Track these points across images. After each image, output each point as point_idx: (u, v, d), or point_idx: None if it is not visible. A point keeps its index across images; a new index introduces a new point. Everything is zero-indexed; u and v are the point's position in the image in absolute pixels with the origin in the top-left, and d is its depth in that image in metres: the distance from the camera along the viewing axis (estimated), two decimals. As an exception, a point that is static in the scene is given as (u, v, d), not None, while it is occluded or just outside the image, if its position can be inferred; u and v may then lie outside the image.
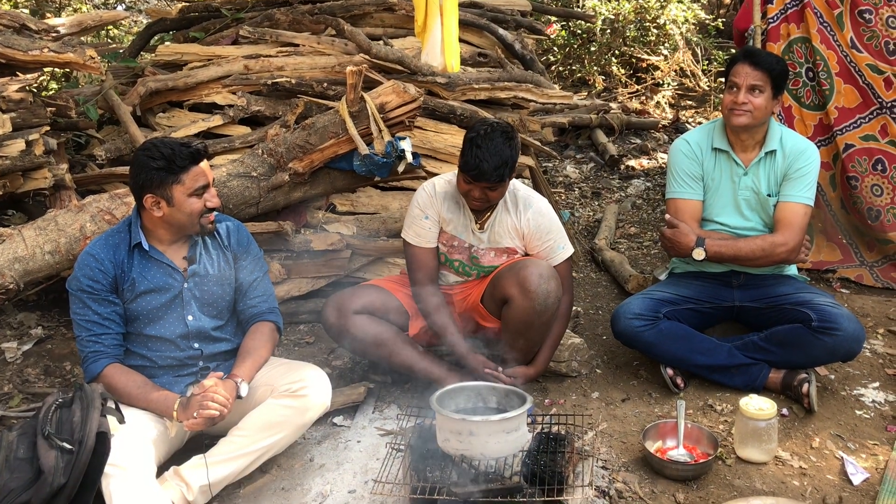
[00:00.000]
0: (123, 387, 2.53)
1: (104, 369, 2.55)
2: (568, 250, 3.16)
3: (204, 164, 2.60)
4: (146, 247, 2.62)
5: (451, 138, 4.20)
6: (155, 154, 2.52)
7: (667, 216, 3.24)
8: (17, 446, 2.27)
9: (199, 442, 2.80)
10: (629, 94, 8.62)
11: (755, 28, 4.35)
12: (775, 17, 4.34)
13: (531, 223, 3.10)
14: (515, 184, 3.19)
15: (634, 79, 8.90)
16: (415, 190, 4.02)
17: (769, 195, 3.20)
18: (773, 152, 3.21)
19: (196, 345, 2.69)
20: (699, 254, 3.11)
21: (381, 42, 4.33)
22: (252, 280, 2.80)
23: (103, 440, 2.26)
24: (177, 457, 2.63)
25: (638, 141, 7.29)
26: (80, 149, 4.71)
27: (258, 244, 2.90)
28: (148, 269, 2.63)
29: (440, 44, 4.05)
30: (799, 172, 3.17)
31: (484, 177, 2.85)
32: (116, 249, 2.61)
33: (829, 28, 4.21)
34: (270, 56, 4.48)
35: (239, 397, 2.52)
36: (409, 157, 3.29)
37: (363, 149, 3.23)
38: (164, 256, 2.64)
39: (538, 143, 4.45)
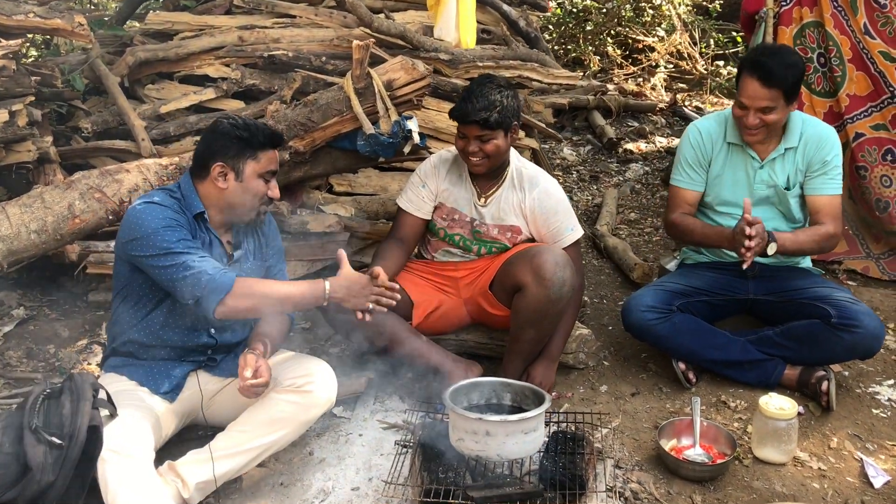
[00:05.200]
0: (263, 287, 2.39)
1: (237, 279, 2.34)
2: (577, 233, 3.05)
3: (277, 151, 2.55)
4: (206, 217, 2.50)
5: (454, 118, 4.05)
6: (239, 124, 2.46)
7: (745, 216, 2.84)
8: (1, 440, 2.13)
9: (192, 433, 2.69)
10: (625, 75, 8.49)
11: (767, 11, 4.23)
12: (788, 1, 4.21)
13: (537, 203, 3.01)
14: (524, 162, 3.11)
15: (630, 60, 8.77)
16: (416, 171, 3.90)
17: (787, 188, 3.10)
18: (793, 148, 3.10)
19: (213, 331, 2.59)
20: (772, 248, 2.89)
21: (382, 15, 4.16)
22: (276, 272, 2.73)
23: (95, 434, 2.13)
24: (169, 451, 2.50)
25: (635, 124, 7.17)
26: (62, 120, 4.51)
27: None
28: (206, 242, 2.51)
29: (455, 18, 3.88)
30: (827, 166, 3.07)
31: (468, 117, 2.81)
32: (179, 212, 2.46)
33: (842, 13, 4.09)
34: (266, 27, 4.30)
35: None
36: (416, 138, 3.14)
37: (368, 128, 3.08)
38: (218, 234, 2.54)
39: (542, 125, 4.33)
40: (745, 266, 2.87)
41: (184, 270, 2.31)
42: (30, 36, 5.06)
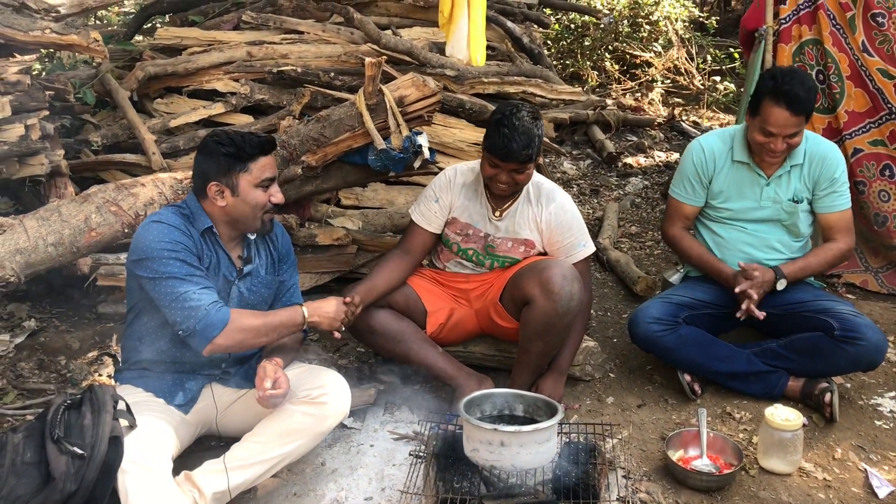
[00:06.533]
0: (251, 320, 2.44)
1: (231, 314, 2.39)
2: (589, 248, 3.09)
3: (271, 156, 2.54)
4: (216, 231, 2.52)
5: (460, 132, 4.11)
6: (224, 140, 2.46)
7: (740, 274, 3.09)
8: (23, 450, 2.15)
9: (208, 443, 2.72)
10: (623, 90, 8.57)
11: (767, 29, 4.29)
12: (787, 18, 4.27)
13: (552, 218, 3.03)
14: (539, 177, 3.13)
15: (628, 75, 8.85)
16: (423, 185, 3.95)
17: (797, 201, 3.16)
18: (798, 165, 3.16)
19: None
20: (781, 284, 3.06)
21: (388, 32, 4.22)
22: (290, 286, 2.75)
23: (116, 445, 2.15)
24: (185, 461, 2.53)
25: (634, 138, 7.24)
26: (68, 133, 4.55)
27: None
28: (213, 260, 2.54)
29: (466, 37, 3.94)
30: (836, 183, 3.14)
31: (512, 156, 2.79)
32: (187, 231, 2.48)
33: (841, 30, 4.16)
34: (274, 43, 4.35)
35: None
36: (427, 153, 3.19)
37: (380, 143, 3.13)
38: (227, 249, 2.57)
39: (548, 140, 4.38)
40: (738, 315, 3.04)
41: (182, 301, 2.35)
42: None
